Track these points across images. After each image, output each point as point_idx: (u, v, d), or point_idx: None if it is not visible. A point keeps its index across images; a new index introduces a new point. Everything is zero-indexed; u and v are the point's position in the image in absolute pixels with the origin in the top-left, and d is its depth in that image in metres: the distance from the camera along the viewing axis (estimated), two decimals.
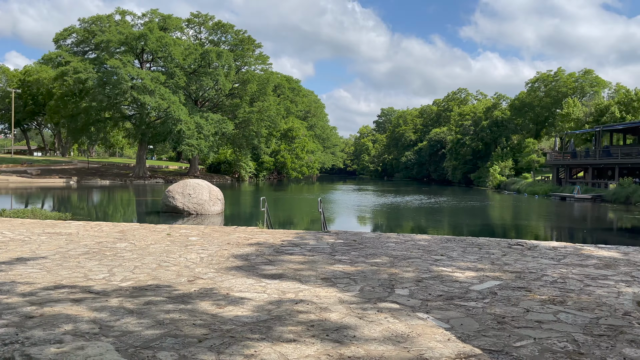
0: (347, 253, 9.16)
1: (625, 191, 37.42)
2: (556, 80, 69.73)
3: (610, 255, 9.51)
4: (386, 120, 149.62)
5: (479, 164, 74.69)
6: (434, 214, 27.89)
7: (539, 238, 18.04)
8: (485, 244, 10.61)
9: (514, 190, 55.39)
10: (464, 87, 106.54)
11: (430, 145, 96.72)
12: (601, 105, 54.52)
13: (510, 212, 31.28)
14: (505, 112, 74.28)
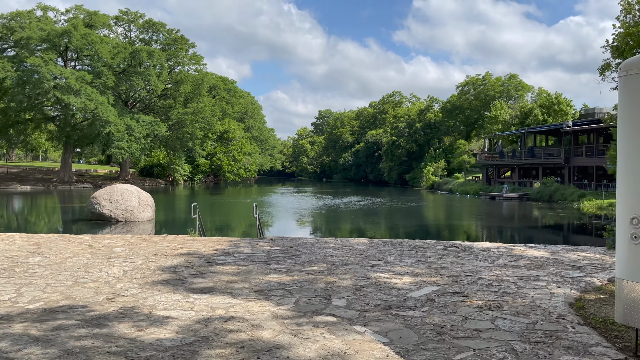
0: (283, 261, 8.80)
1: (549, 190, 39.55)
2: (484, 84, 72.89)
3: (540, 255, 9.75)
4: (324, 122, 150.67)
5: (414, 164, 76.65)
6: (372, 215, 28.11)
7: (473, 238, 18.53)
8: (422, 247, 10.61)
9: (447, 190, 57.22)
10: (398, 90, 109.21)
11: (367, 146, 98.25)
12: (525, 108, 57.46)
13: (444, 212, 32.13)
14: (438, 115, 76.75)
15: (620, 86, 4.48)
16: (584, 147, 40.87)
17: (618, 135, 4.49)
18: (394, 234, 19.18)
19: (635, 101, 4.31)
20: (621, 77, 4.44)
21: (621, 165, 4.43)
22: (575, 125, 42.22)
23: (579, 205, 33.52)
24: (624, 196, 4.38)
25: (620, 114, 4.45)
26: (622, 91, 4.45)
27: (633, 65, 4.33)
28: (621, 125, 4.44)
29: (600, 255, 9.67)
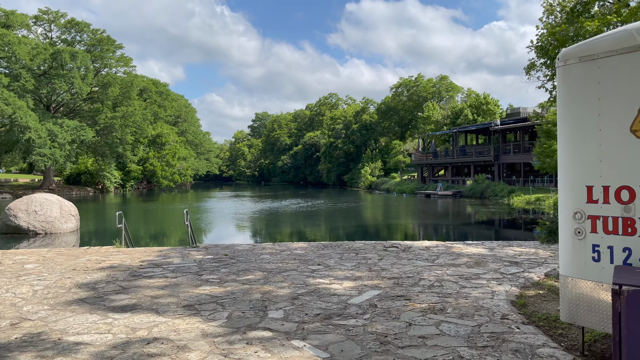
0: (217, 271, 8.23)
1: (480, 187, 40.99)
2: (417, 85, 74.88)
3: (478, 251, 9.75)
4: (261, 124, 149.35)
5: (352, 165, 77.41)
6: (311, 217, 27.81)
7: (412, 237, 18.63)
8: (362, 248, 10.36)
9: (384, 189, 58.12)
10: (334, 92, 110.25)
11: (305, 149, 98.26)
12: (456, 108, 59.49)
13: (382, 212, 32.42)
14: (373, 116, 78.00)
15: (558, 77, 4.34)
16: (512, 145, 42.73)
17: (558, 127, 4.34)
18: (334, 236, 18.94)
19: (574, 91, 4.17)
20: (560, 68, 4.30)
21: (562, 159, 4.28)
22: (503, 124, 44.06)
23: (509, 200, 34.91)
24: (566, 190, 4.23)
25: (560, 105, 4.30)
26: (561, 82, 4.30)
27: (571, 55, 4.19)
28: (561, 117, 4.29)
29: (535, 250, 9.81)
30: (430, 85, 74.17)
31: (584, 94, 4.10)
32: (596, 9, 16.08)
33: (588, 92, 4.07)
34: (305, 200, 43.05)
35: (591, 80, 4.05)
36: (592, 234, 4.05)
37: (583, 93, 4.11)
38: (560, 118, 4.31)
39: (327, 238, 18.12)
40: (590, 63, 4.05)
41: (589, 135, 4.06)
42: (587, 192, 4.07)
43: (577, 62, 4.15)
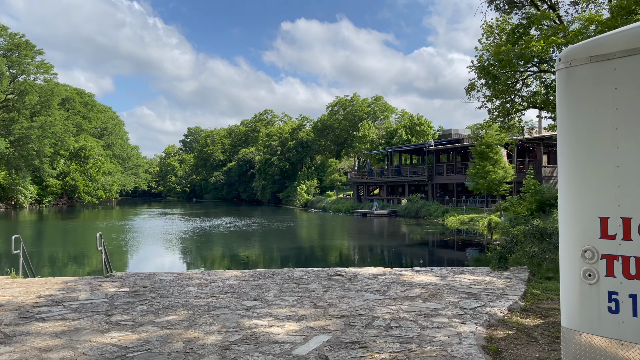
0: (131, 309, 6.83)
1: (415, 206, 41.23)
2: (352, 104, 75.46)
3: (429, 280, 8.96)
4: (193, 139, 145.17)
5: (287, 183, 76.38)
6: (245, 239, 26.37)
7: (355, 262, 17.72)
8: (304, 277, 9.27)
9: (320, 208, 57.47)
10: (270, 109, 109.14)
11: (239, 165, 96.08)
12: (391, 128, 60.27)
13: (321, 232, 31.51)
14: (309, 134, 77.64)
15: (560, 82, 3.54)
16: (445, 165, 43.48)
17: (559, 144, 3.52)
18: (271, 261, 17.71)
19: (582, 100, 3.37)
20: (562, 71, 3.50)
21: (565, 183, 3.45)
22: (437, 145, 44.83)
23: (444, 220, 35.19)
24: (570, 222, 3.40)
25: (562, 117, 3.49)
26: (563, 88, 3.50)
27: (578, 54, 3.40)
28: (564, 132, 3.47)
29: (489, 278, 9.15)
30: (366, 105, 75.01)
31: (596, 102, 3.31)
32: (533, 32, 16.22)
33: (601, 100, 3.28)
34: (238, 219, 41.39)
35: (605, 85, 3.26)
36: (607, 278, 3.22)
37: (594, 102, 3.32)
38: (562, 133, 3.49)
39: (264, 264, 16.85)
40: (605, 64, 3.27)
41: (602, 155, 3.25)
42: (600, 225, 3.25)
43: (586, 63, 3.36)
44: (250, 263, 16.75)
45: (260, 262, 16.89)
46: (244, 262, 17.17)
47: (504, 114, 17.26)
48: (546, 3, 15.89)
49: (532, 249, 10.20)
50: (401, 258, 19.00)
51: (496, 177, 29.94)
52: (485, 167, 30.16)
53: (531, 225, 10.03)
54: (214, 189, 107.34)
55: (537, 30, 16.19)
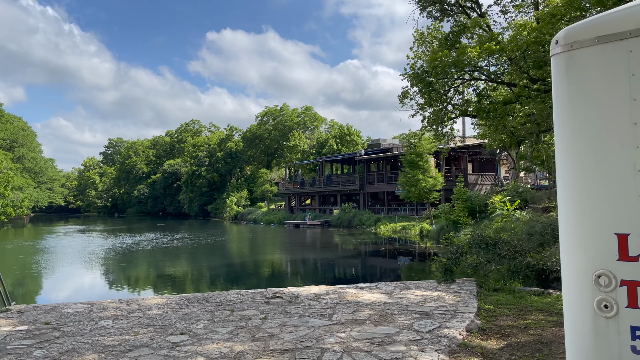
0: (27, 355, 5.55)
1: (347, 215, 41.05)
2: (282, 114, 74.80)
3: (376, 298, 8.28)
4: (115, 151, 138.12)
5: (216, 195, 74.14)
6: (171, 256, 24.67)
7: (293, 279, 16.77)
8: (238, 302, 8.27)
9: (251, 220, 56.04)
10: (196, 119, 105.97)
11: (164, 177, 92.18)
12: (321, 138, 60.15)
13: (253, 246, 30.31)
14: (239, 144, 75.97)
15: (557, 69, 2.90)
16: (376, 175, 43.76)
17: (557, 145, 2.88)
18: (200, 282, 16.39)
19: (588, 90, 2.74)
20: (560, 56, 2.86)
21: (568, 192, 2.81)
22: (367, 154, 45.07)
23: (376, 229, 35.16)
24: (580, 239, 2.75)
25: (562, 111, 2.84)
26: (562, 76, 2.86)
27: (581, 34, 2.77)
28: (564, 129, 2.83)
29: (437, 293, 8.62)
30: (296, 115, 74.63)
31: (607, 94, 2.68)
32: (463, 41, 16.27)
33: (614, 90, 2.66)
34: (164, 234, 39.17)
35: (619, 71, 2.65)
36: (630, 309, 2.59)
37: (605, 93, 2.69)
38: (563, 132, 2.85)
39: (193, 286, 15.49)
40: (617, 46, 2.66)
41: (619, 157, 2.63)
42: (618, 243, 2.62)
43: (592, 45, 2.73)
44: (177, 286, 15.35)
45: (188, 285, 15.54)
46: (170, 284, 15.73)
47: (436, 122, 17.19)
48: (476, 12, 16.03)
49: (477, 260, 9.84)
50: (340, 272, 18.37)
51: (426, 185, 30.26)
52: (415, 175, 30.41)
53: (476, 235, 9.68)
54: (137, 202, 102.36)
55: (468, 39, 16.27)
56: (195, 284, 15.35)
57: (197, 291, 11.95)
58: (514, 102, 13.64)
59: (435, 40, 17.26)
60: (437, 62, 12.96)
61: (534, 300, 8.22)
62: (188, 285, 15.49)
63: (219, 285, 15.30)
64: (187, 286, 15.30)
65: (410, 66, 17.67)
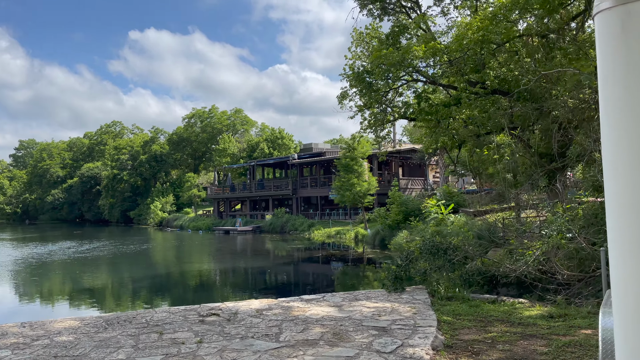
0: None
1: (280, 221, 40.11)
2: (211, 116, 72.51)
3: (326, 313, 7.48)
4: (27, 154, 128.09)
5: (139, 200, 70.42)
6: (88, 268, 22.55)
7: (230, 291, 15.51)
8: (168, 322, 7.16)
9: (177, 226, 53.55)
10: (118, 120, 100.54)
11: (82, 181, 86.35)
12: (252, 141, 58.80)
13: (180, 255, 28.56)
14: (164, 147, 72.72)
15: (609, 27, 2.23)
16: (309, 179, 43.18)
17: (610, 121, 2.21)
18: (122, 298, 14.80)
19: None
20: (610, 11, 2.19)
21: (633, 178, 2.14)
22: (300, 158, 44.40)
23: (310, 234, 34.52)
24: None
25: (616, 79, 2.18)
26: (616, 36, 2.19)
27: None
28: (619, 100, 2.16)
29: (390, 305, 7.97)
30: (225, 117, 72.61)
31: None
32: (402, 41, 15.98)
33: None
34: (80, 243, 36.22)
35: None
36: None
37: None
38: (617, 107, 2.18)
39: (112, 304, 13.86)
40: None
41: None
42: None
43: None
44: (95, 303, 13.68)
45: (109, 301, 13.94)
46: (86, 301, 14.01)
47: (377, 124, 16.78)
48: (416, 12, 15.81)
49: (427, 267, 9.33)
50: (279, 281, 17.43)
51: (361, 190, 30.04)
52: (350, 179, 30.11)
53: (426, 240, 9.16)
54: (51, 208, 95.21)
55: (407, 40, 16.00)
56: (116, 300, 13.75)
57: (118, 309, 10.57)
58: (455, 104, 13.48)
59: (374, 40, 16.88)
60: (382, 59, 12.48)
61: (490, 309, 7.78)
62: (108, 301, 13.88)
63: (144, 300, 13.84)
64: (107, 303, 13.65)
65: (349, 66, 17.17)
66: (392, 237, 24.34)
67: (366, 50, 17.28)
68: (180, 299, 13.95)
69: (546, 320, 6.92)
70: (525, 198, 26.18)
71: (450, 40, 12.39)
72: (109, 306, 13.05)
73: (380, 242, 25.28)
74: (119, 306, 12.90)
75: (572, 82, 8.99)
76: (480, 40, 10.91)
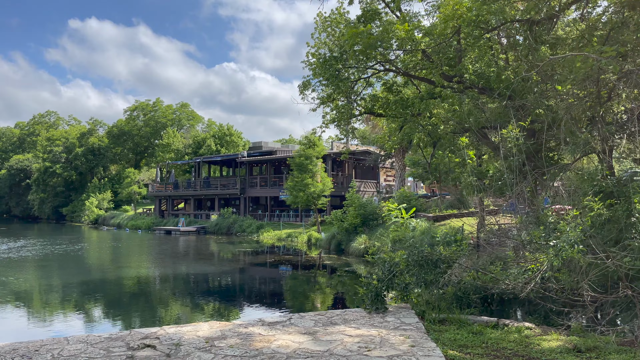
0: None
1: (227, 222, 37.88)
2: (155, 110, 68.78)
3: (297, 344, 5.80)
4: None
5: (73, 196, 65.63)
6: (1, 273, 19.68)
7: (164, 304, 13.30)
8: (86, 356, 5.23)
9: (115, 225, 49.96)
10: (53, 110, 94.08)
11: (11, 174, 79.80)
12: (199, 137, 55.95)
13: (116, 257, 25.84)
14: (103, 140, 68.22)
15: None
16: (259, 178, 41.17)
17: None
18: (35, 314, 12.37)
19: None
20: None
21: None
22: (250, 157, 42.32)
23: (259, 237, 32.58)
24: None
25: None
26: None
27: None
28: None
29: (377, 332, 6.38)
30: (170, 111, 69.03)
31: None
32: (378, 24, 14.50)
33: None
34: (2, 241, 32.51)
35: None
36: None
37: None
38: None
39: (15, 323, 11.31)
40: None
41: None
42: None
43: None
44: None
45: (15, 318, 11.50)
46: None
47: (341, 119, 15.24)
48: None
49: (411, 281, 7.84)
50: (230, 293, 15.49)
51: (315, 191, 28.47)
52: (304, 179, 28.48)
53: (414, 249, 7.65)
54: None
55: (378, 27, 14.56)
56: (24, 321, 11.23)
57: (16, 336, 8.35)
58: (434, 97, 12.20)
59: (340, 26, 15.34)
60: (357, 38, 10.94)
61: (497, 337, 6.37)
62: (16, 318, 11.42)
63: (63, 318, 11.51)
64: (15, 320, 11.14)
65: (312, 54, 15.56)
66: (349, 241, 22.88)
67: (332, 37, 15.70)
68: (109, 315, 11.75)
69: (574, 357, 5.56)
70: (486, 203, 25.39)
71: (434, 22, 10.99)
72: (16, 325, 10.64)
73: (337, 247, 23.74)
74: (30, 326, 10.54)
75: (583, 72, 7.83)
76: (474, 20, 9.61)
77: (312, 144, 27.82)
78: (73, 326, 10.64)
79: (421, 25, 11.12)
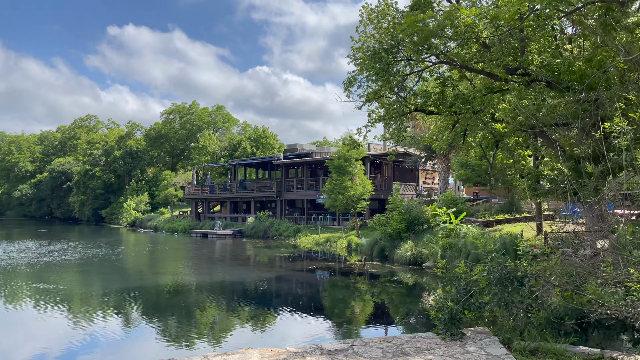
0: None
1: (263, 225, 37.22)
2: (191, 113, 69.10)
3: None
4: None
5: (112, 198, 66.54)
6: (35, 277, 19.39)
7: (200, 318, 12.48)
8: None
9: (152, 227, 50.10)
10: (94, 114, 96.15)
11: (52, 177, 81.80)
12: (234, 140, 55.70)
13: (154, 262, 25.40)
14: (141, 143, 68.97)
15: None
16: (295, 181, 40.38)
17: None
18: (65, 330, 11.76)
19: None
20: None
21: None
22: (286, 159, 41.59)
23: (296, 241, 31.74)
24: None
25: None
26: None
27: None
28: None
29: None
30: (206, 114, 69.24)
31: None
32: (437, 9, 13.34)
33: None
34: (41, 244, 32.71)
35: None
36: None
37: None
38: None
39: (51, 336, 10.66)
40: None
41: None
42: None
43: None
44: (24, 336, 10.63)
45: (41, 334, 10.89)
46: (9, 335, 10.92)
47: (390, 117, 14.14)
48: None
49: (492, 301, 6.68)
50: (272, 303, 14.62)
51: (355, 194, 27.39)
52: (343, 182, 27.45)
53: (498, 265, 6.50)
54: (18, 204, 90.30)
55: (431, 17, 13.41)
56: (57, 333, 10.60)
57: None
58: (494, 92, 10.99)
59: (387, 17, 14.27)
60: (416, 27, 9.86)
61: None
62: (42, 334, 10.81)
63: (93, 334, 10.80)
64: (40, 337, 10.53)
65: (358, 48, 14.55)
66: (393, 248, 21.68)
67: (379, 30, 14.62)
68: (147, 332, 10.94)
69: None
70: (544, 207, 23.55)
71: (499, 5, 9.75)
72: (39, 343, 9.92)
73: (380, 254, 22.56)
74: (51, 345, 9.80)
75: None
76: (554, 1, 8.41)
77: (357, 145, 26.75)
78: (104, 345, 9.93)
79: (490, 10, 9.92)
